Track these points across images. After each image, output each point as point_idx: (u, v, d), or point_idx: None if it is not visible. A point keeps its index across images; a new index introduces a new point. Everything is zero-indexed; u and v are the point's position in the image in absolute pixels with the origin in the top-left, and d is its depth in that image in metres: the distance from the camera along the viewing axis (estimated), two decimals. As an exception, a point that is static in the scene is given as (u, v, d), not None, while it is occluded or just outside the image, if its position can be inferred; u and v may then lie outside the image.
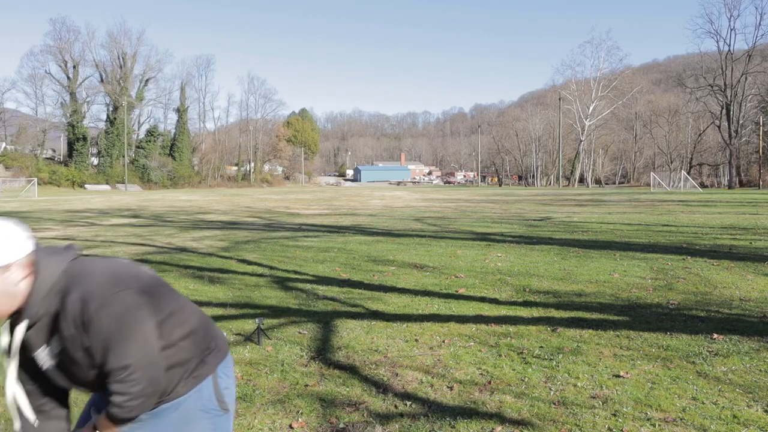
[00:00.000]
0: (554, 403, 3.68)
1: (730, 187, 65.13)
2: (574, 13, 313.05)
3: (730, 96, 67.02)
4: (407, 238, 13.37)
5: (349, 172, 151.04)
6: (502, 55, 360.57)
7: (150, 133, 76.25)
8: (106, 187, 67.24)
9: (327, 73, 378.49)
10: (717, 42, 76.01)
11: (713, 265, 8.85)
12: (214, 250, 11.40)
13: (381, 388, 3.98)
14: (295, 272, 8.65)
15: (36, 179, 53.84)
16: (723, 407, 3.58)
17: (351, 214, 22.51)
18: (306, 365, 4.49)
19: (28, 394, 1.88)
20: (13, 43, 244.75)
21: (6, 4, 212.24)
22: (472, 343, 4.95)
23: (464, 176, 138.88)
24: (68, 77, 70.58)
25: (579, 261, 9.46)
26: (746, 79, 66.31)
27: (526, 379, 4.10)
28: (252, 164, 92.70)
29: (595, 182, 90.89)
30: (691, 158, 77.47)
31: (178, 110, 79.18)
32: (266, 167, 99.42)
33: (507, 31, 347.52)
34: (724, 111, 68.32)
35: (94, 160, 72.31)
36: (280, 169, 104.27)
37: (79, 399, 3.45)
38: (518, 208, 25.78)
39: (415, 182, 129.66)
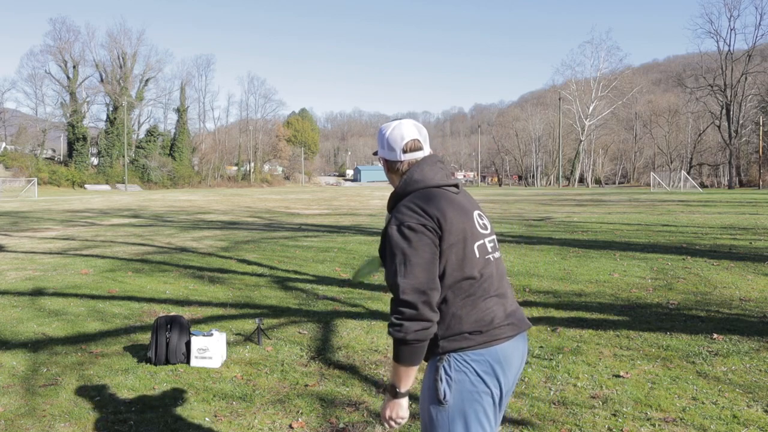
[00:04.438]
0: (554, 403, 3.68)
1: (730, 187, 65.12)
2: (574, 13, 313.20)
3: (730, 96, 67.02)
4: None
5: (349, 172, 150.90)
6: (502, 55, 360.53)
7: (150, 133, 76.20)
8: (106, 187, 67.20)
9: (327, 73, 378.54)
10: (717, 42, 75.99)
11: (713, 265, 8.85)
12: (214, 250, 11.40)
13: (381, 388, 3.98)
14: (295, 272, 8.65)
15: (36, 179, 53.80)
16: (723, 407, 3.58)
17: (351, 214, 22.52)
18: (306, 365, 4.49)
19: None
20: (13, 43, 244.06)
21: (6, 4, 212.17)
22: (472, 343, 4.95)
23: (464, 176, 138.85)
24: (68, 77, 70.55)
25: (579, 261, 9.46)
26: (746, 79, 66.29)
27: (526, 379, 4.10)
28: (252, 164, 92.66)
29: (595, 182, 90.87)
30: (691, 158, 77.45)
31: (178, 110, 79.13)
32: (266, 167, 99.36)
33: (507, 31, 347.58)
34: (724, 111, 68.32)
35: (94, 160, 72.26)
36: (280, 169, 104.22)
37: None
38: (518, 208, 25.78)
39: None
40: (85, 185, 66.39)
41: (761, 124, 63.38)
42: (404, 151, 1.93)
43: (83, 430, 3.40)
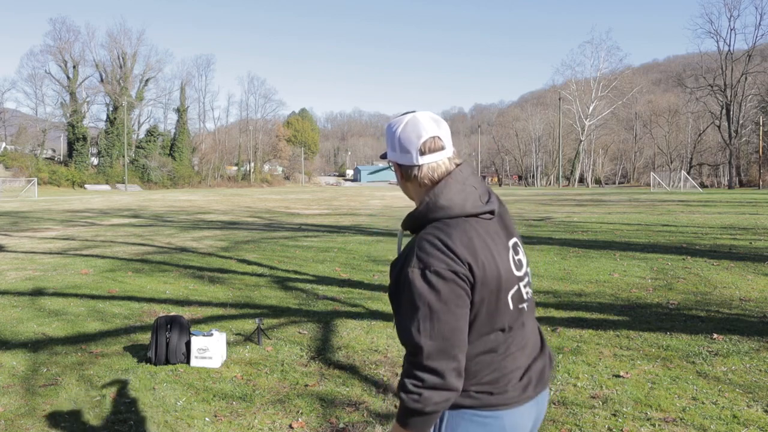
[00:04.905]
0: (554, 403, 3.68)
1: (730, 187, 65.11)
2: (574, 13, 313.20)
3: (730, 96, 67.01)
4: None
5: (349, 172, 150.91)
6: (502, 55, 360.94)
7: (150, 133, 76.17)
8: (106, 187, 67.18)
9: (327, 73, 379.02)
10: (717, 42, 76.00)
11: (713, 265, 8.85)
12: (214, 250, 11.40)
13: (381, 388, 3.98)
14: (295, 272, 8.65)
15: (36, 179, 53.77)
16: (723, 407, 3.58)
17: (351, 214, 22.52)
18: (306, 365, 4.49)
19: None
20: (13, 43, 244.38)
21: (6, 4, 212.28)
22: (472, 343, 4.95)
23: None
24: (68, 77, 70.52)
25: (579, 261, 9.46)
26: (746, 79, 66.27)
27: (526, 379, 4.10)
28: (252, 164, 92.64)
29: (595, 182, 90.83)
30: (691, 158, 77.43)
31: (178, 110, 79.09)
32: (266, 167, 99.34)
33: (507, 31, 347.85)
34: (724, 111, 68.31)
35: (94, 160, 72.22)
36: (280, 169, 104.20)
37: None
38: (518, 208, 25.78)
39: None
40: (85, 185, 66.37)
41: (761, 124, 63.37)
42: (422, 153, 1.53)
43: (83, 430, 3.40)
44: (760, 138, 63.06)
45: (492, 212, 1.55)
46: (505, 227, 1.59)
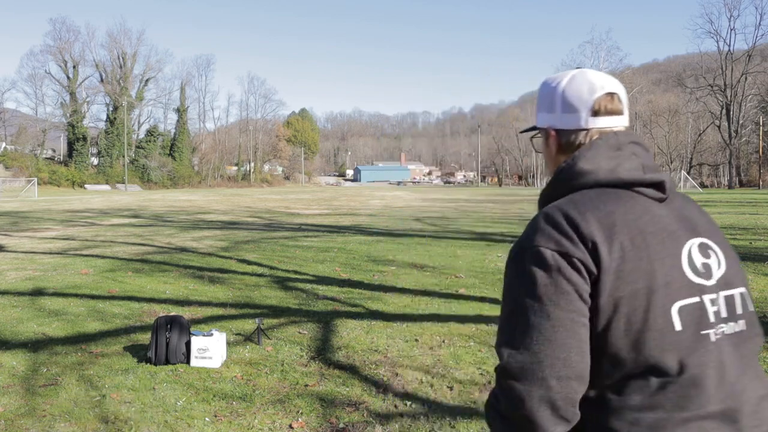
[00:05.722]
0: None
1: (730, 187, 65.14)
2: (574, 13, 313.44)
3: (730, 96, 67.09)
4: (407, 238, 13.37)
5: (349, 172, 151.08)
6: (502, 55, 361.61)
7: (150, 133, 76.19)
8: (106, 187, 67.18)
9: (327, 73, 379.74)
10: (717, 42, 76.03)
11: (713, 265, 8.84)
12: (214, 250, 11.40)
13: (381, 388, 3.98)
14: (295, 272, 8.65)
15: (36, 179, 53.74)
16: (723, 407, 3.57)
17: (351, 214, 22.52)
18: (306, 365, 4.49)
19: None
20: (13, 43, 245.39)
21: (6, 4, 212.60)
22: (472, 343, 4.95)
23: (464, 176, 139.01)
24: (68, 77, 70.54)
25: (579, 261, 9.45)
26: (746, 79, 66.38)
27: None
28: (252, 164, 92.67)
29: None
30: (691, 158, 77.48)
31: (178, 110, 79.12)
32: (266, 167, 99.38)
33: (507, 31, 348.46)
34: (724, 111, 68.39)
35: (94, 160, 72.24)
36: (280, 169, 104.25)
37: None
38: (518, 208, 25.78)
39: (415, 182, 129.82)
40: (85, 185, 66.37)
41: (761, 124, 63.43)
42: (595, 113, 1.11)
43: (83, 430, 3.40)
44: (760, 138, 63.12)
45: (659, 187, 1.07)
46: (685, 220, 1.09)
